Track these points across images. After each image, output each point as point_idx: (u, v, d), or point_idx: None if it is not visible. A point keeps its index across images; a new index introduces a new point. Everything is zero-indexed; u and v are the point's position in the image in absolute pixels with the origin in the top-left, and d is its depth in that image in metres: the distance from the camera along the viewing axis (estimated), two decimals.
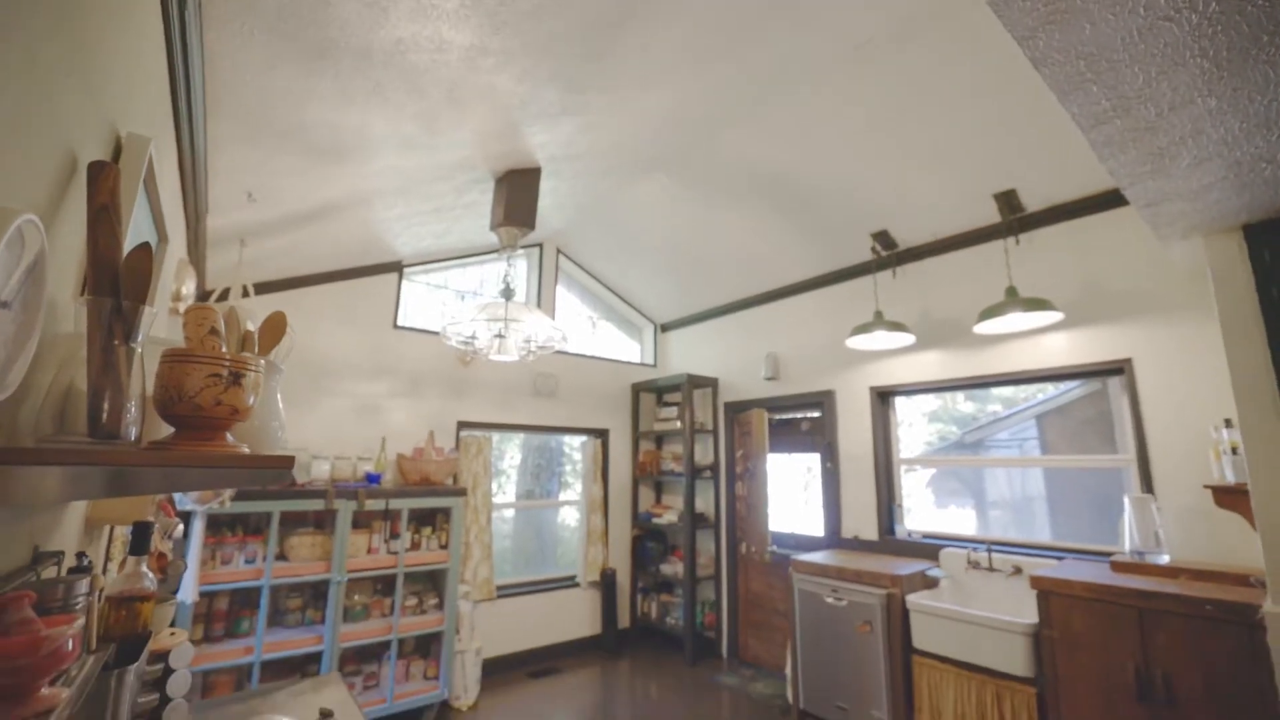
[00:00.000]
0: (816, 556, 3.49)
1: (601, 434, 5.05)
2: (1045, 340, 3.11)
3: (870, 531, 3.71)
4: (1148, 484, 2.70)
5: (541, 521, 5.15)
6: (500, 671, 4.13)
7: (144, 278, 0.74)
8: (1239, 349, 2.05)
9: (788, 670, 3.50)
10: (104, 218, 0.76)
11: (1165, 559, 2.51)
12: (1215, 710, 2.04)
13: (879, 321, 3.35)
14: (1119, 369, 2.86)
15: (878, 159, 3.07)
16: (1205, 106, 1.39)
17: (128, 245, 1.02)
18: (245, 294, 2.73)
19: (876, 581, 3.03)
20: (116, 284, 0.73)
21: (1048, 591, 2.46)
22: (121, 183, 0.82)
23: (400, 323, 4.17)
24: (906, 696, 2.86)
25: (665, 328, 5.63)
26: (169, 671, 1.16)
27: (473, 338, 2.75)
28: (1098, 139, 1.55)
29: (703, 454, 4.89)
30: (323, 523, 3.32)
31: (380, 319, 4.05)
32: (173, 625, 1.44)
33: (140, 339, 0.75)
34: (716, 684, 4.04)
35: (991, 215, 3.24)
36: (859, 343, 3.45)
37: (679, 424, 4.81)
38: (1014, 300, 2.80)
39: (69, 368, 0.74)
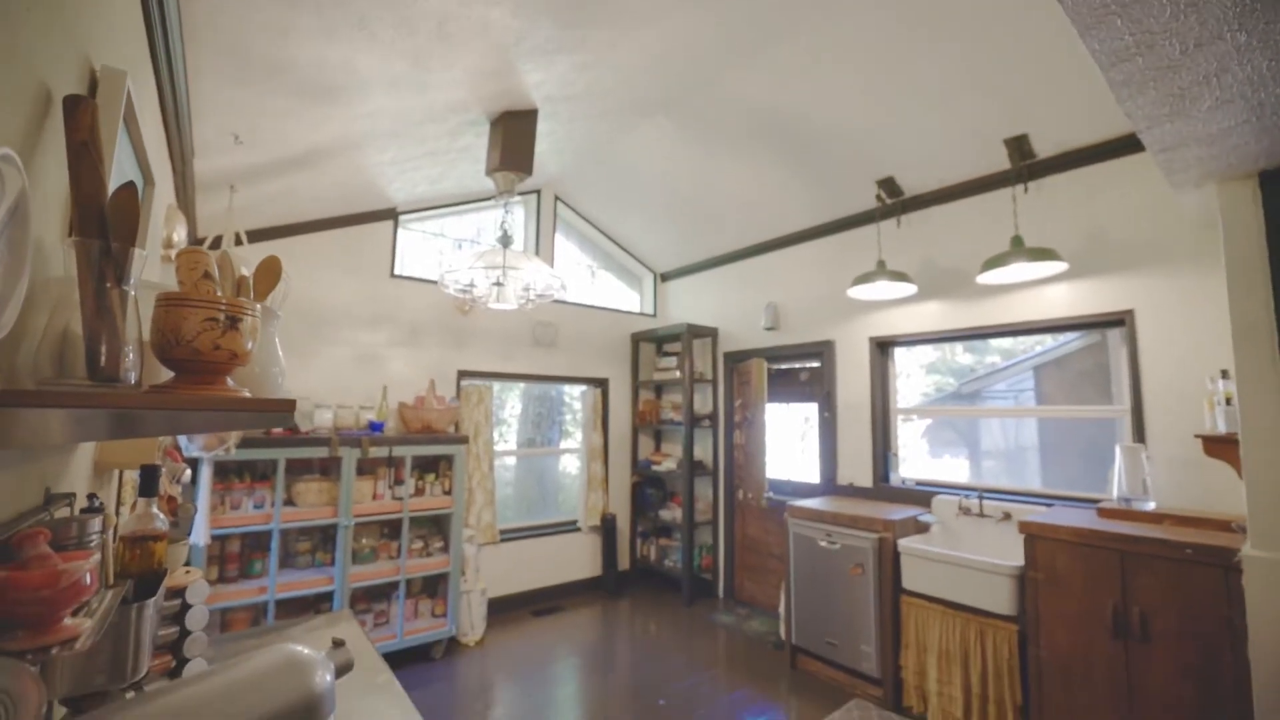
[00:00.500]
0: (812, 502, 3.58)
1: (601, 383, 5.09)
2: (1048, 291, 3.09)
3: (865, 479, 3.79)
4: (1140, 434, 2.74)
5: (543, 469, 5.25)
6: (505, 610, 4.31)
7: (131, 218, 0.72)
8: (1242, 298, 2.04)
9: (781, 609, 3.65)
10: (85, 155, 0.73)
11: (1151, 505, 2.57)
12: (1186, 645, 2.14)
13: (881, 271, 3.32)
14: (1120, 320, 2.85)
15: (887, 101, 2.96)
16: (1234, 42, 1.32)
17: (112, 186, 1.00)
18: (238, 242, 2.68)
19: (870, 526, 3.12)
20: (104, 225, 0.71)
21: (1035, 536, 2.53)
22: (100, 119, 0.78)
23: (397, 271, 4.12)
24: (894, 633, 3.00)
25: (665, 277, 5.57)
26: (186, 607, 1.21)
27: (471, 286, 2.72)
28: (1117, 78, 1.49)
29: (702, 403, 4.94)
30: (328, 470, 3.38)
31: (377, 268, 4.01)
32: (187, 565, 1.49)
33: (133, 282, 0.74)
34: (713, 622, 4.23)
35: (1001, 162, 3.15)
36: (860, 292, 3.42)
37: (678, 374, 4.83)
38: (1019, 250, 2.77)
39: (63, 311, 0.73)
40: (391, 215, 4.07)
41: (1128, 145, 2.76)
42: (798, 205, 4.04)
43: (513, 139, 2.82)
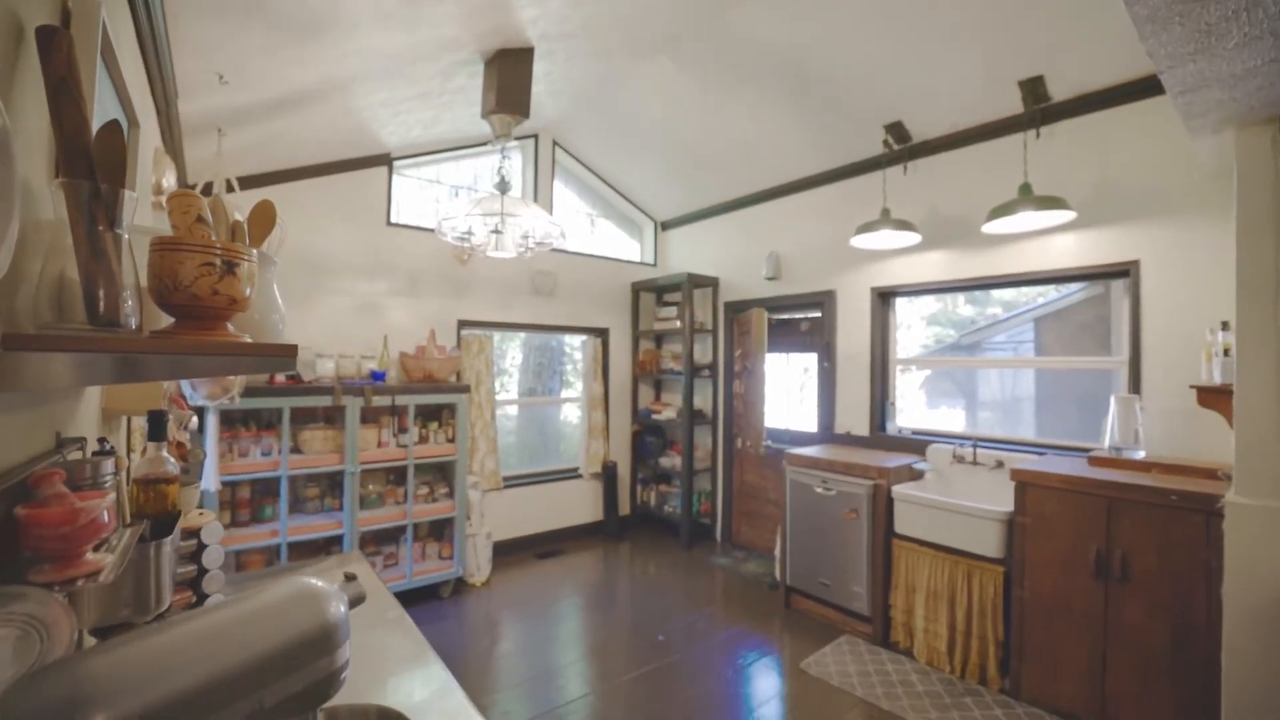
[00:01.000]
0: (809, 450, 3.65)
1: (601, 333, 5.09)
2: (1055, 241, 3.04)
3: (862, 428, 3.85)
4: (1136, 385, 2.76)
5: (545, 418, 5.33)
6: (510, 553, 4.46)
7: (118, 158, 0.70)
8: (1250, 248, 2.01)
9: (777, 552, 3.77)
10: (65, 92, 0.70)
11: (1140, 455, 2.62)
12: (1163, 586, 2.23)
13: (885, 220, 3.26)
14: (1125, 271, 2.82)
15: (899, 39, 2.82)
16: None
17: (95, 126, 0.97)
18: (230, 188, 2.62)
19: (865, 474, 3.19)
20: (91, 166, 0.70)
21: (1026, 483, 2.59)
22: (78, 44, 0.75)
23: (394, 219, 4.05)
24: (885, 574, 3.11)
25: (665, 226, 5.48)
26: (202, 546, 1.25)
27: (469, 234, 2.68)
28: (1141, 13, 1.41)
29: (702, 353, 4.96)
30: (332, 418, 3.43)
31: (373, 216, 3.93)
32: (200, 508, 1.54)
33: (125, 225, 0.73)
34: (711, 564, 4.38)
35: (1014, 106, 3.04)
36: (863, 241, 3.37)
37: (679, 324, 4.83)
38: (1027, 198, 2.71)
39: (57, 256, 0.72)
40: (385, 161, 3.96)
41: (1145, 89, 2.66)
42: (802, 151, 3.92)
43: (508, 80, 2.71)
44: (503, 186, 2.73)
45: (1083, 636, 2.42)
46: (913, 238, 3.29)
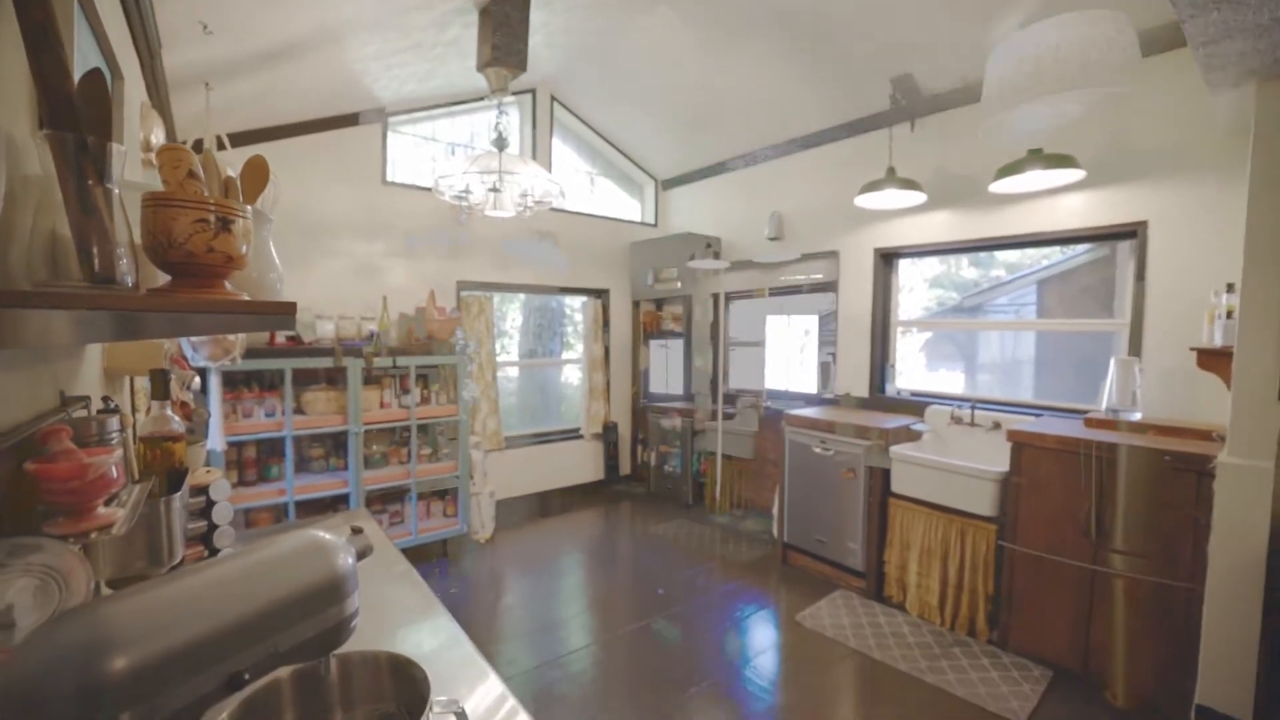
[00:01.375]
0: (809, 411, 3.68)
1: (601, 294, 5.06)
2: (1064, 201, 2.99)
3: (862, 389, 3.87)
4: (1136, 348, 2.76)
5: (546, 379, 5.36)
6: (513, 511, 4.56)
7: (103, 109, 0.68)
8: (1261, 208, 1.98)
9: (775, 510, 3.85)
10: (43, 38, 0.68)
11: (1137, 416, 2.64)
12: (1151, 542, 2.28)
13: (891, 179, 3.19)
14: (1132, 232, 2.78)
15: None
16: None
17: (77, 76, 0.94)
18: (221, 146, 2.56)
19: (863, 434, 3.23)
20: (76, 118, 0.68)
21: (1022, 443, 2.62)
22: None
23: (390, 178, 3.97)
24: (880, 531, 3.18)
25: (667, 185, 5.38)
26: (211, 503, 1.27)
27: (466, 192, 2.63)
28: None
29: (702, 314, 4.94)
30: (335, 379, 3.45)
31: (368, 174, 3.86)
32: (206, 467, 1.56)
33: (115, 179, 0.71)
34: (710, 522, 4.48)
35: None
36: (868, 201, 3.31)
37: (679, 285, 4.79)
38: (1036, 157, 2.65)
39: (47, 212, 0.70)
40: (380, 117, 3.85)
41: (1162, 40, 2.57)
42: (807, 106, 3.81)
43: (504, 30, 2.60)
44: (500, 143, 2.66)
45: (1070, 591, 2.49)
46: (918, 197, 3.23)
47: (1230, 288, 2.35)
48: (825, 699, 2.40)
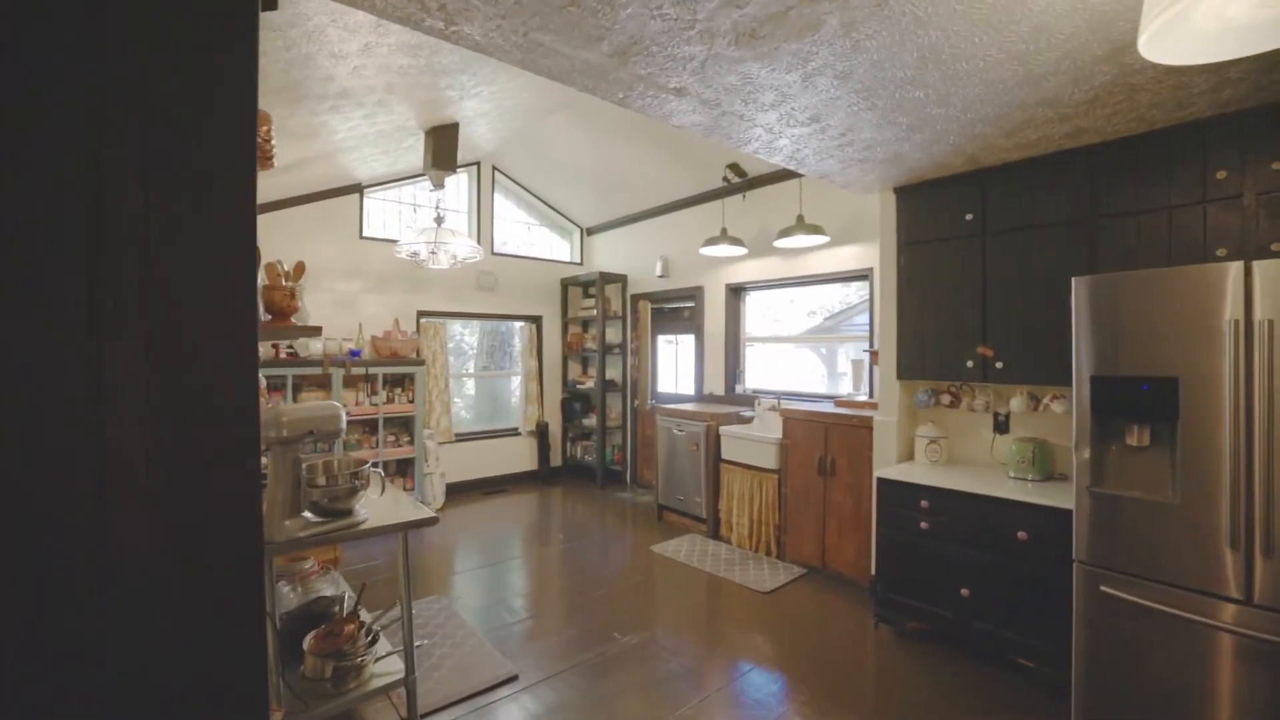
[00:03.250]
0: (673, 405, 4.98)
1: (535, 320, 6.36)
2: (838, 252, 4.36)
3: (720, 389, 5.20)
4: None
5: (498, 388, 6.60)
6: (462, 491, 5.76)
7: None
8: (886, 262, 3.36)
9: (655, 481, 5.12)
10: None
11: (863, 397, 3.99)
12: (850, 476, 3.59)
13: (724, 236, 4.56)
14: (865, 275, 4.17)
15: None
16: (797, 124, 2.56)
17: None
18: None
19: (702, 419, 4.54)
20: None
21: (788, 418, 3.95)
22: None
23: (365, 234, 5.26)
24: (715, 488, 4.47)
25: (590, 231, 6.74)
26: None
27: (416, 252, 3.92)
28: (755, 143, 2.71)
29: (614, 335, 6.26)
30: (324, 384, 4.66)
31: (348, 231, 5.14)
32: None
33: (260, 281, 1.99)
34: (616, 499, 5.73)
35: None
36: (708, 251, 4.66)
37: (595, 312, 6.11)
38: (800, 225, 4.02)
39: None
40: (358, 189, 5.15)
41: None
42: (674, 181, 5.21)
43: (440, 145, 3.93)
44: (439, 220, 3.96)
45: (814, 513, 3.80)
46: (740, 250, 4.60)
47: None
48: (652, 586, 3.66)
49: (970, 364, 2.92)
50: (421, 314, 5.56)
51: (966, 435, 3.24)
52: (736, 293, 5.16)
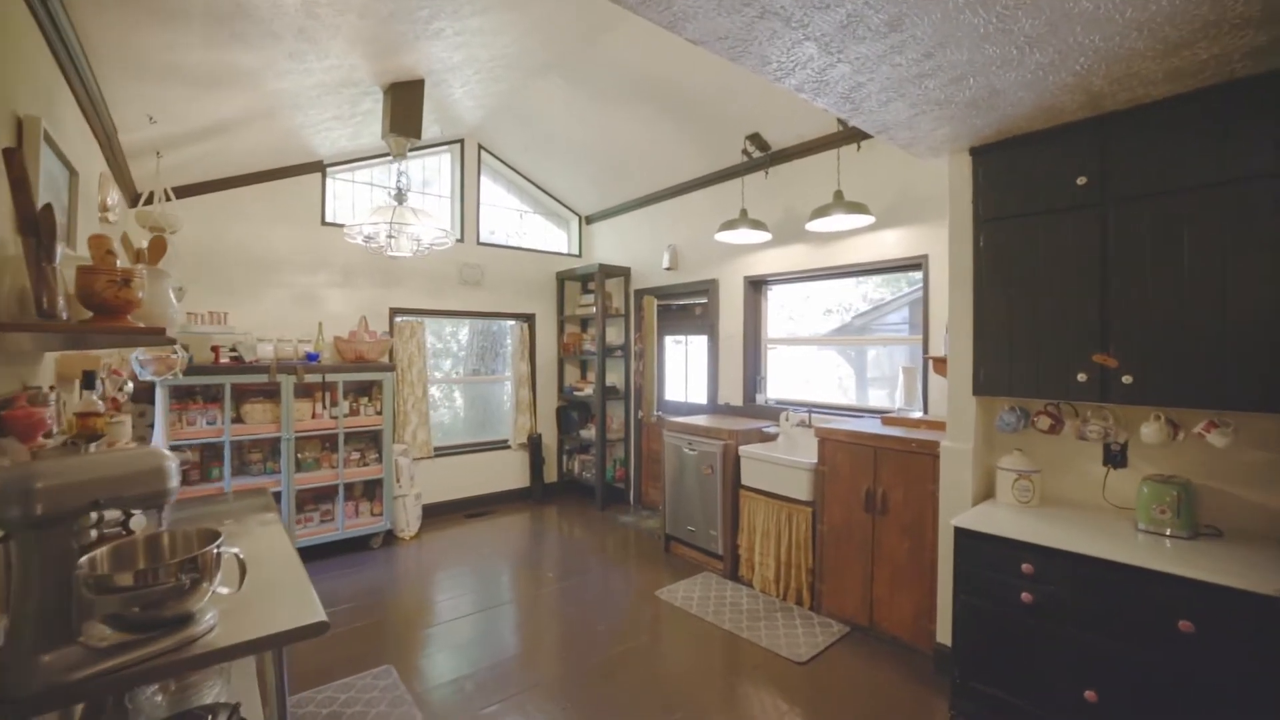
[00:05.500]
0: (683, 418, 4.27)
1: (528, 318, 5.66)
2: (877, 237, 3.64)
3: (737, 399, 4.48)
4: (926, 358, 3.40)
5: (489, 394, 5.92)
6: (441, 513, 5.07)
7: (51, 226, 1.27)
8: (957, 244, 2.64)
9: (662, 506, 4.41)
10: (20, 186, 1.27)
11: (918, 414, 3.27)
12: (907, 513, 2.88)
13: (743, 219, 3.84)
14: (918, 264, 3.45)
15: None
16: (851, 57, 1.85)
17: (41, 187, 1.53)
18: (167, 198, 3.14)
19: (719, 436, 3.82)
20: (37, 228, 1.26)
21: (824, 439, 3.23)
22: (26, 155, 1.32)
23: (329, 219, 4.57)
24: (733, 519, 3.76)
25: (589, 220, 6.04)
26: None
27: (371, 236, 3.23)
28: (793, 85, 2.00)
29: (616, 335, 5.55)
30: (273, 393, 3.98)
31: (309, 216, 4.45)
32: None
33: (58, 258, 1.29)
34: (618, 522, 5.02)
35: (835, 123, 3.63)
36: (725, 237, 3.95)
37: (594, 309, 5.41)
38: (839, 203, 3.30)
39: (18, 277, 1.29)
40: (319, 168, 4.47)
41: None
42: (686, 157, 4.50)
43: (401, 107, 3.24)
44: (400, 198, 3.28)
45: (858, 557, 3.08)
46: (764, 235, 3.89)
47: None
48: (658, 651, 2.95)
49: (1082, 377, 2.19)
50: (395, 311, 4.87)
51: (1064, 468, 2.52)
52: (756, 286, 4.45)
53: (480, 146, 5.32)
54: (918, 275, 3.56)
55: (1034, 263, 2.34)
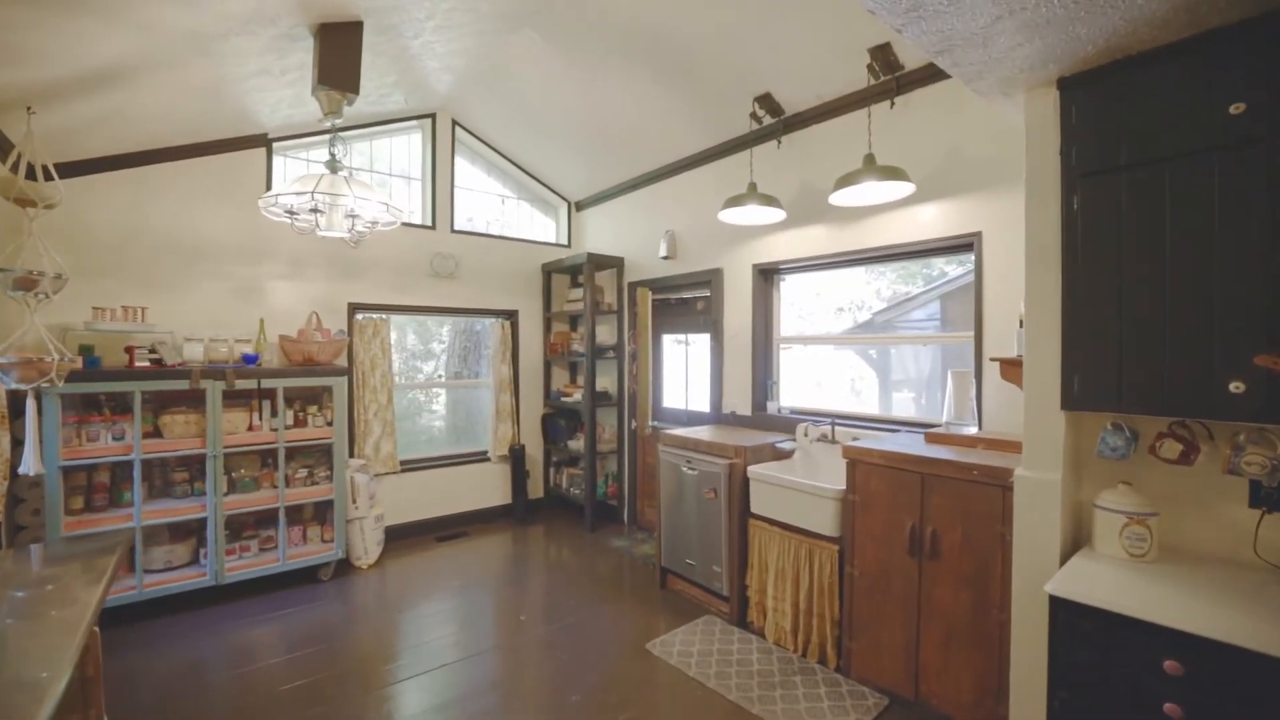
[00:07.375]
0: (687, 430, 3.63)
1: (510, 315, 5.04)
2: (915, 213, 2.99)
3: (745, 407, 3.83)
4: (980, 360, 2.74)
5: (471, 400, 5.32)
6: (406, 536, 4.46)
7: None
8: (1036, 214, 1.98)
9: (658, 533, 3.77)
10: None
11: (972, 430, 2.61)
12: (966, 559, 2.22)
13: (751, 195, 3.19)
14: (969, 244, 2.78)
15: (752, 9, 2.74)
16: None
17: None
18: (48, 176, 2.54)
19: (723, 452, 3.18)
20: None
21: (854, 460, 2.57)
22: None
23: None
24: (741, 553, 3.11)
25: (580, 206, 5.41)
26: None
27: (292, 212, 2.62)
28: None
29: (609, 334, 4.91)
30: (199, 402, 3.39)
31: (251, 197, 3.86)
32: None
33: None
34: (609, 547, 4.39)
35: (868, 75, 2.97)
36: (731, 217, 3.30)
37: (583, 305, 4.78)
38: (870, 168, 2.65)
39: None
40: (263, 141, 3.88)
41: None
42: (683, 128, 3.86)
43: (333, 54, 2.63)
44: (333, 166, 2.67)
45: (900, 610, 2.42)
46: (776, 214, 3.24)
47: None
48: None
49: (1237, 387, 1.52)
50: (355, 307, 4.27)
51: (1191, 509, 1.85)
52: (767, 276, 3.79)
53: (455, 122, 4.71)
54: (946, 265, 2.90)
55: (1157, 229, 1.67)
